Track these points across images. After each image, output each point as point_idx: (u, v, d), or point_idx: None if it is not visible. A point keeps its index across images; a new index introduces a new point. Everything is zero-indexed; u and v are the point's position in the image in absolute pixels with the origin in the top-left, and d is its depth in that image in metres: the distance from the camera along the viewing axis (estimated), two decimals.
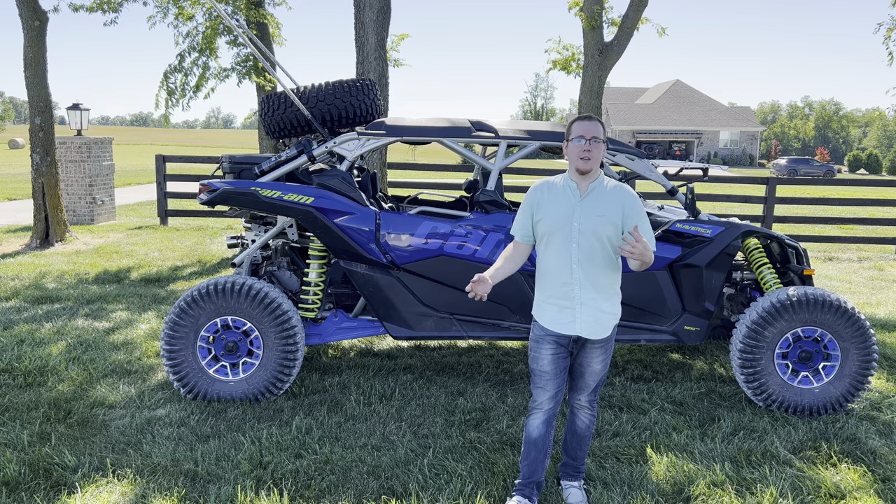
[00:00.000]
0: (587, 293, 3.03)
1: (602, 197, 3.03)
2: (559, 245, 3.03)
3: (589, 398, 3.24)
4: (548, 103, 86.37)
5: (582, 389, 3.21)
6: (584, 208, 3.01)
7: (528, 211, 3.13)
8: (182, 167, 29.25)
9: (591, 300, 3.04)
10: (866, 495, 3.39)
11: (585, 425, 3.28)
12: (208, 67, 11.40)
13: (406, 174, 22.51)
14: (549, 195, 3.09)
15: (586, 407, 3.25)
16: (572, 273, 3.02)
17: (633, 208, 3.04)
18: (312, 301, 4.64)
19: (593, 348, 3.12)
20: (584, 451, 3.34)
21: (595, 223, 2.99)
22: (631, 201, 3.05)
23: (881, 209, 18.10)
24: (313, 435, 3.90)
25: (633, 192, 3.08)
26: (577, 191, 3.04)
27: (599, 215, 2.99)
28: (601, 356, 3.14)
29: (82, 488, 3.29)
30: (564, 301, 3.06)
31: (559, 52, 11.08)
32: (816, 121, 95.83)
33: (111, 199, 13.26)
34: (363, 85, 4.81)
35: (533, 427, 3.20)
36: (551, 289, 3.08)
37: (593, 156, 2.96)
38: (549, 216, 3.05)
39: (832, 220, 11.63)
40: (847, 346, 4.33)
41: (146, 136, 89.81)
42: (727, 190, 22.87)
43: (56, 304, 6.74)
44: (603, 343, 3.12)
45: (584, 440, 3.31)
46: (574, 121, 3.03)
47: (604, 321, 3.07)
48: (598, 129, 2.97)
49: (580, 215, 3.00)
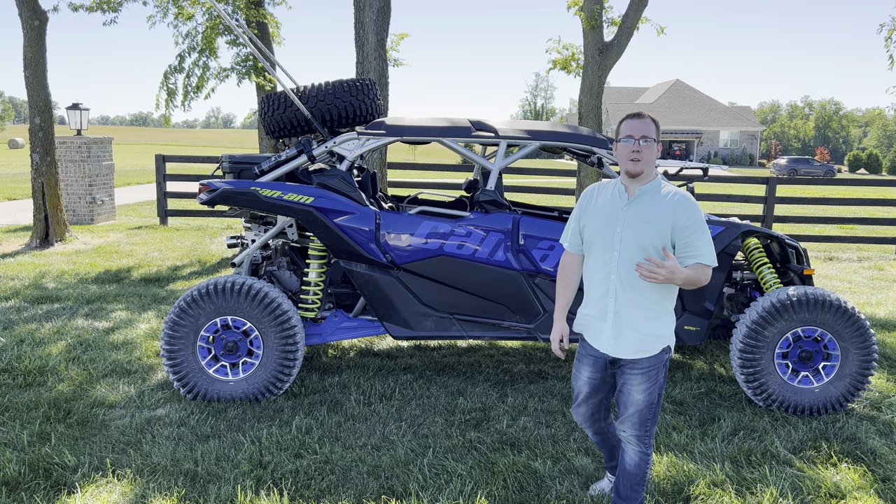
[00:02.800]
0: (624, 308, 2.75)
1: (652, 202, 2.74)
2: (600, 253, 2.78)
3: (635, 432, 2.84)
4: (548, 103, 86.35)
5: (624, 420, 2.86)
6: (630, 214, 2.74)
7: (576, 216, 2.92)
8: (182, 167, 29.25)
9: (629, 316, 2.75)
10: (866, 495, 3.39)
11: (634, 462, 2.90)
12: (208, 67, 11.40)
13: (406, 174, 22.51)
14: (596, 200, 2.86)
15: (632, 443, 2.88)
16: (609, 283, 2.76)
17: (689, 217, 2.69)
18: (312, 301, 4.64)
19: (631, 373, 2.79)
20: (635, 493, 2.93)
21: (640, 231, 2.70)
22: (687, 209, 2.70)
23: (881, 209, 18.10)
24: (313, 435, 3.90)
25: (692, 201, 2.76)
26: (626, 194, 2.78)
27: (644, 221, 2.70)
28: (642, 384, 2.77)
29: (82, 488, 3.29)
30: (600, 314, 2.81)
31: (559, 51, 11.07)
32: (816, 120, 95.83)
33: (111, 199, 13.25)
34: (363, 85, 4.81)
35: (591, 435, 3.15)
36: (591, 300, 2.85)
37: (644, 156, 2.69)
38: (592, 221, 2.82)
39: (832, 220, 11.63)
40: (847, 346, 4.32)
41: (146, 135, 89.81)
42: (727, 190, 22.87)
43: (56, 303, 6.73)
44: (642, 368, 2.77)
45: (632, 478, 2.92)
46: (623, 119, 2.76)
47: (640, 342, 2.75)
48: (649, 127, 2.71)
49: (624, 221, 2.73)
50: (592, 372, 2.90)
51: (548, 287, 4.51)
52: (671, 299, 2.81)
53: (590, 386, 2.93)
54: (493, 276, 4.46)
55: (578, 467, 3.59)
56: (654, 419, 2.85)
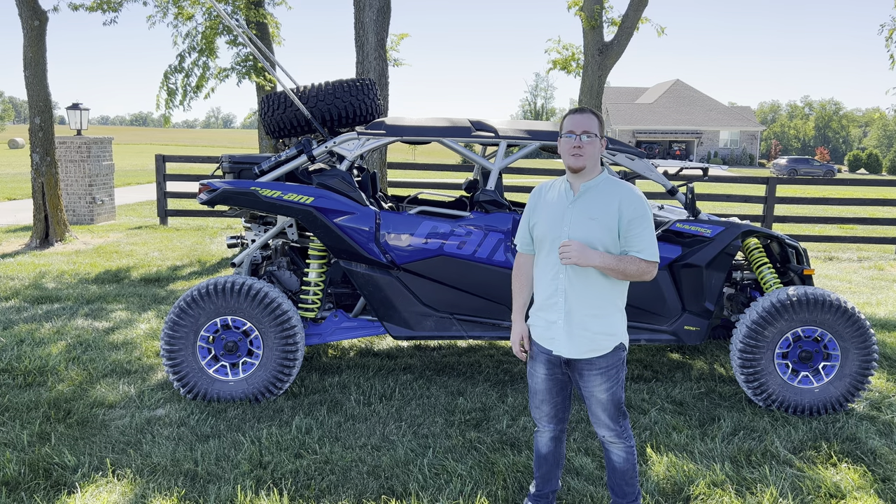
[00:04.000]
0: (573, 308, 2.72)
1: (596, 198, 2.71)
2: (548, 252, 2.76)
3: (614, 431, 2.84)
4: (548, 103, 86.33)
5: (598, 423, 2.86)
6: (576, 211, 2.71)
7: (526, 215, 2.89)
8: (182, 167, 29.24)
9: (579, 316, 2.72)
10: (866, 495, 3.39)
11: (622, 459, 2.89)
12: (208, 67, 11.40)
13: (406, 174, 22.51)
14: (545, 198, 2.84)
15: (615, 441, 2.87)
16: (558, 283, 2.73)
17: (632, 209, 2.67)
18: (312, 301, 4.64)
19: (589, 374, 2.76)
20: (631, 486, 2.95)
21: (586, 228, 2.67)
22: (630, 201, 2.68)
23: (881, 209, 18.10)
24: (313, 435, 3.90)
25: (634, 191, 2.72)
26: (571, 192, 2.75)
27: (591, 218, 2.67)
28: (602, 383, 2.75)
29: (82, 488, 3.29)
30: (550, 315, 2.78)
31: (559, 51, 11.08)
32: (816, 120, 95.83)
33: (111, 199, 13.25)
34: (363, 85, 4.81)
35: (541, 444, 3.02)
36: (540, 301, 2.82)
37: (585, 152, 2.66)
38: (541, 220, 2.79)
39: (832, 220, 11.63)
40: (847, 346, 4.32)
41: (146, 135, 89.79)
42: (727, 190, 22.87)
43: (56, 303, 6.73)
44: (600, 368, 2.75)
45: (625, 474, 2.92)
46: (566, 115, 2.75)
47: (592, 341, 2.73)
48: (590, 122, 2.67)
49: (570, 219, 2.71)
50: (548, 369, 2.85)
51: None
52: (622, 295, 2.79)
53: (547, 383, 2.87)
54: (493, 276, 4.46)
55: (578, 467, 3.59)
56: (624, 414, 2.85)
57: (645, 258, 2.67)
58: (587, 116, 2.69)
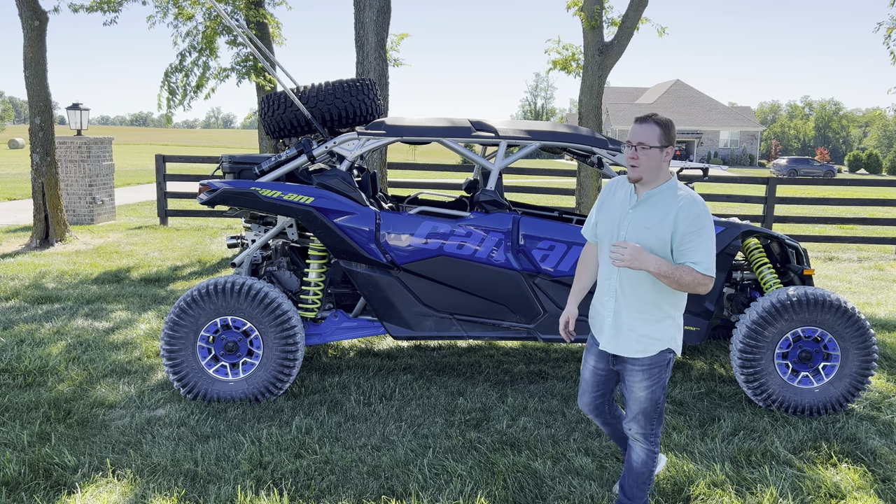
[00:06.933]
0: (623, 308, 2.78)
1: (655, 207, 2.70)
2: (606, 252, 2.82)
3: (640, 430, 2.88)
4: (548, 103, 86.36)
5: (629, 417, 2.90)
6: (635, 218, 2.73)
7: (595, 209, 2.95)
8: (182, 167, 29.24)
9: (627, 318, 2.77)
10: (866, 495, 3.39)
11: (641, 460, 2.93)
12: (208, 67, 11.40)
13: (406, 174, 22.51)
14: (612, 196, 2.87)
15: (638, 440, 2.91)
16: (611, 283, 2.81)
17: (688, 223, 2.62)
18: (312, 301, 4.64)
19: (633, 370, 2.80)
20: (641, 491, 2.96)
21: (641, 236, 2.69)
22: (687, 215, 2.63)
23: (881, 209, 18.10)
24: (313, 435, 3.90)
25: (695, 205, 2.66)
26: (635, 196, 2.76)
27: (646, 228, 2.68)
28: (644, 381, 2.79)
29: (82, 488, 3.29)
30: (602, 311, 2.88)
31: (559, 52, 11.07)
32: (816, 121, 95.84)
33: (111, 199, 13.25)
34: (363, 85, 4.81)
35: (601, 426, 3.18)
36: (597, 295, 2.92)
37: (640, 163, 2.65)
38: (605, 219, 2.84)
39: (832, 220, 11.63)
40: (847, 346, 4.32)
41: (146, 136, 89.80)
42: (727, 190, 22.87)
43: (56, 304, 6.73)
44: (643, 366, 2.78)
45: (640, 477, 2.95)
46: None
47: (637, 342, 2.77)
48: (648, 133, 2.63)
49: (628, 224, 2.74)
50: (597, 362, 2.95)
51: (548, 287, 4.51)
52: (673, 303, 2.78)
53: (594, 376, 2.98)
54: (493, 276, 4.46)
55: (578, 467, 3.59)
56: (659, 418, 2.88)
57: (701, 271, 2.62)
58: (645, 126, 2.66)
